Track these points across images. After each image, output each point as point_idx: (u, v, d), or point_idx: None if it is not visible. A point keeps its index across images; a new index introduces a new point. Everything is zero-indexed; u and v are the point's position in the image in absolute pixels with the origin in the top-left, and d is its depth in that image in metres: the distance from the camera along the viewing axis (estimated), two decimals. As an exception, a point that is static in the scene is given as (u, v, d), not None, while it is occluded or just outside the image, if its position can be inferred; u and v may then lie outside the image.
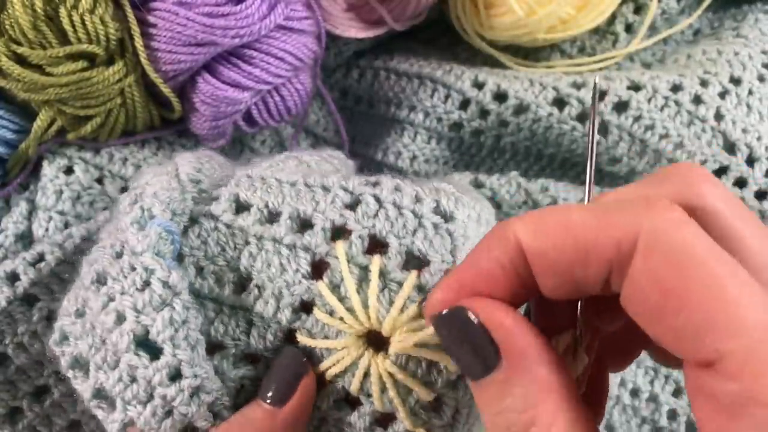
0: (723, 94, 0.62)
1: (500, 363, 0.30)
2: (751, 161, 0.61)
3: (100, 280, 0.40)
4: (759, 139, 0.61)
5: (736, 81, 0.63)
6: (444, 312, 0.32)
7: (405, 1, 0.67)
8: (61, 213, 0.59)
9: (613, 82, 0.62)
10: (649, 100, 0.61)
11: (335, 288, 0.39)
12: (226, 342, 0.41)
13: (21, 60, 0.54)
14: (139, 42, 0.56)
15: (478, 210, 0.44)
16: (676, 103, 0.61)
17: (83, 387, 0.39)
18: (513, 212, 0.63)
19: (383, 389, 0.39)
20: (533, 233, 0.31)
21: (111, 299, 0.39)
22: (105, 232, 0.44)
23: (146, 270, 0.39)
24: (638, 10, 0.72)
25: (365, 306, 0.38)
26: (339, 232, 0.41)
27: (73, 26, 0.53)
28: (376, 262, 0.39)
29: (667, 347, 0.28)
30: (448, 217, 0.41)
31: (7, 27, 0.53)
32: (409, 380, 0.38)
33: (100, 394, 0.39)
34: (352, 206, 0.41)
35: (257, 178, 0.44)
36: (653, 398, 0.61)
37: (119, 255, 0.40)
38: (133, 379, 0.38)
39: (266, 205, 0.42)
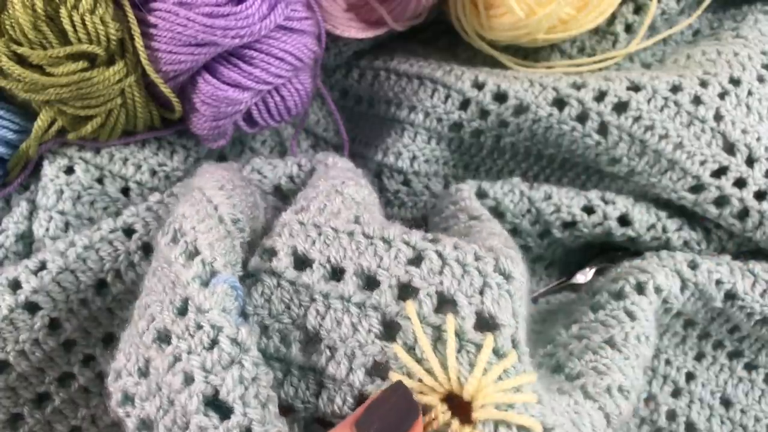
0: (722, 95, 0.62)
1: None
2: (750, 162, 0.61)
3: (163, 339, 0.40)
4: (758, 139, 0.61)
5: (735, 82, 0.63)
6: None
7: (405, 1, 0.67)
8: (62, 213, 0.59)
9: (613, 83, 0.62)
10: (649, 101, 0.61)
11: (410, 350, 0.38)
12: (296, 405, 0.40)
13: (21, 60, 0.54)
14: (139, 42, 0.56)
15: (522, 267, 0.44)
16: (676, 103, 0.61)
17: None
18: (517, 221, 0.63)
19: None
20: None
21: (177, 359, 0.38)
22: (151, 276, 0.43)
23: (214, 328, 0.38)
24: (638, 10, 0.72)
25: (444, 367, 0.38)
26: (405, 290, 0.41)
27: (74, 26, 0.53)
28: (450, 321, 0.38)
29: None
30: (507, 276, 0.41)
31: (7, 27, 0.53)
32: None
33: None
34: (416, 262, 0.41)
35: (311, 227, 0.43)
36: (652, 398, 0.61)
37: (182, 312, 0.40)
38: None
39: (328, 260, 0.42)
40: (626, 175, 0.63)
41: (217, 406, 0.37)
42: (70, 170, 0.60)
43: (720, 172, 0.61)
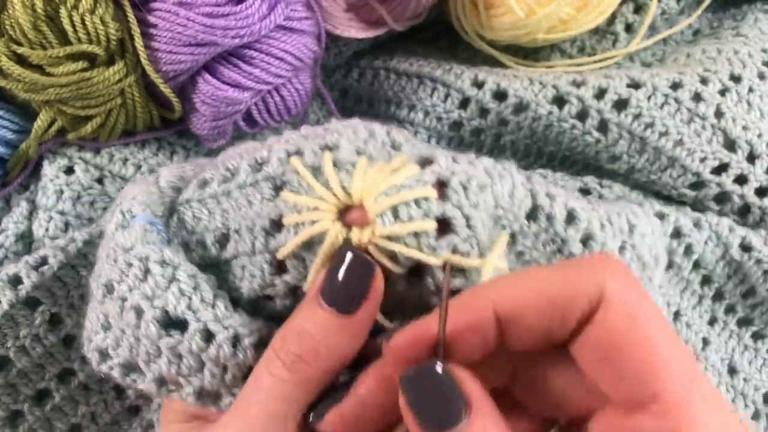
0: (723, 92, 0.62)
1: (468, 414, 0.33)
2: (752, 158, 0.61)
3: (109, 290, 0.42)
4: (759, 136, 0.61)
5: (736, 78, 0.63)
6: (415, 370, 0.34)
7: (405, 1, 0.67)
8: (62, 213, 0.59)
9: (613, 80, 0.62)
10: (649, 98, 0.61)
11: (297, 194, 0.40)
12: (233, 296, 0.42)
13: (21, 60, 0.54)
14: (139, 42, 0.56)
15: None
16: (676, 100, 0.61)
17: (146, 386, 0.42)
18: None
19: (388, 252, 0.39)
20: (508, 301, 0.34)
21: (124, 300, 0.41)
22: (100, 249, 0.46)
23: (141, 260, 0.41)
24: (638, 10, 0.72)
25: (326, 184, 0.39)
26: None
27: (74, 26, 0.53)
28: (327, 155, 0.40)
29: (605, 388, 0.34)
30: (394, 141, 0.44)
31: (7, 27, 0.53)
32: (410, 225, 0.38)
33: (162, 382, 0.42)
34: (305, 137, 0.44)
35: (217, 162, 0.46)
36: None
37: (115, 260, 0.42)
38: (180, 356, 0.40)
39: (227, 168, 0.44)
40: (626, 172, 0.63)
41: (175, 323, 0.40)
42: (70, 170, 0.61)
43: (721, 168, 0.61)
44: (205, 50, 0.56)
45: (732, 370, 0.63)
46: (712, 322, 0.63)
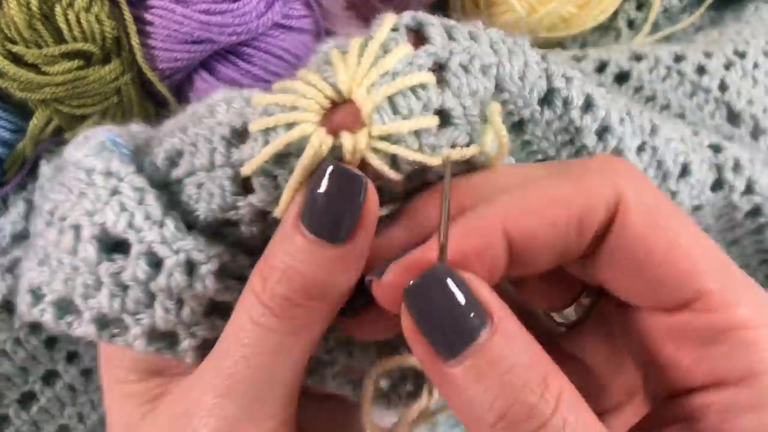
0: (727, 66, 0.60)
1: (490, 324, 0.28)
2: (755, 134, 0.59)
3: (52, 214, 0.36)
4: (765, 111, 0.59)
5: (740, 54, 0.62)
6: (421, 278, 0.29)
7: (405, 0, 0.67)
8: (59, 212, 0.58)
9: (614, 53, 0.61)
10: (651, 71, 0.60)
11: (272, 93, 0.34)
12: (189, 220, 0.36)
13: (16, 59, 0.53)
14: (135, 40, 0.55)
15: None
16: (679, 73, 0.59)
17: (83, 329, 0.35)
18: None
19: (390, 158, 0.33)
20: (519, 218, 0.31)
21: (64, 219, 0.35)
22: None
23: (87, 171, 0.35)
24: (640, 6, 0.72)
25: (307, 82, 0.33)
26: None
27: (69, 25, 0.53)
28: (300, 73, 0.35)
29: (639, 298, 0.32)
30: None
31: (2, 25, 0.52)
32: (410, 123, 0.33)
33: (103, 322, 0.35)
34: None
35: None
36: None
37: (63, 180, 0.37)
38: (124, 288, 0.34)
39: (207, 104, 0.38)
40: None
41: (119, 246, 0.35)
42: (67, 170, 0.60)
43: (723, 143, 0.59)
44: (201, 48, 0.55)
45: None
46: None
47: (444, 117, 0.34)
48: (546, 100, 0.39)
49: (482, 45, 0.35)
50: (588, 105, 0.40)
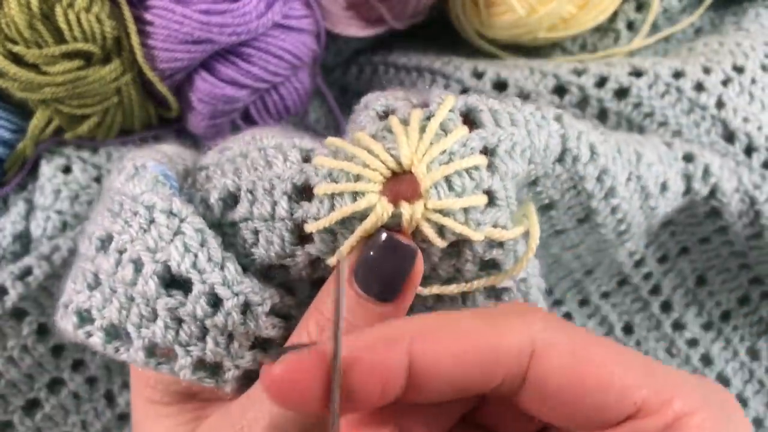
0: (725, 82, 0.61)
1: None
2: (749, 151, 0.60)
3: (105, 242, 0.38)
4: (759, 128, 0.60)
5: (738, 69, 0.62)
6: None
7: (404, 0, 0.67)
8: (60, 212, 0.58)
9: (615, 68, 0.62)
10: (650, 87, 0.60)
11: (335, 157, 0.36)
12: (242, 262, 0.38)
13: (17, 59, 0.54)
14: (135, 40, 0.55)
15: None
16: (678, 89, 0.60)
17: (131, 354, 0.37)
18: None
19: (439, 228, 0.36)
20: (426, 339, 0.31)
21: (122, 252, 0.37)
22: (95, 212, 0.41)
23: (148, 208, 0.37)
24: (640, 7, 0.72)
25: (371, 152, 0.36)
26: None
27: (69, 25, 0.53)
28: (359, 134, 0.37)
29: (581, 426, 0.33)
30: (388, 94, 0.41)
31: (2, 26, 0.53)
32: (462, 200, 0.36)
33: (152, 351, 0.37)
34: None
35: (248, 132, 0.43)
36: None
37: (119, 212, 0.38)
38: (179, 321, 0.36)
39: (254, 136, 0.40)
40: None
41: (178, 283, 0.37)
42: (67, 169, 0.60)
43: (717, 160, 0.60)
44: (201, 48, 0.55)
45: (725, 316, 0.66)
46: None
47: (490, 197, 0.37)
48: (559, 159, 0.42)
49: (520, 129, 0.38)
50: (592, 155, 0.43)
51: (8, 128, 0.58)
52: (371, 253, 0.34)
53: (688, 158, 0.53)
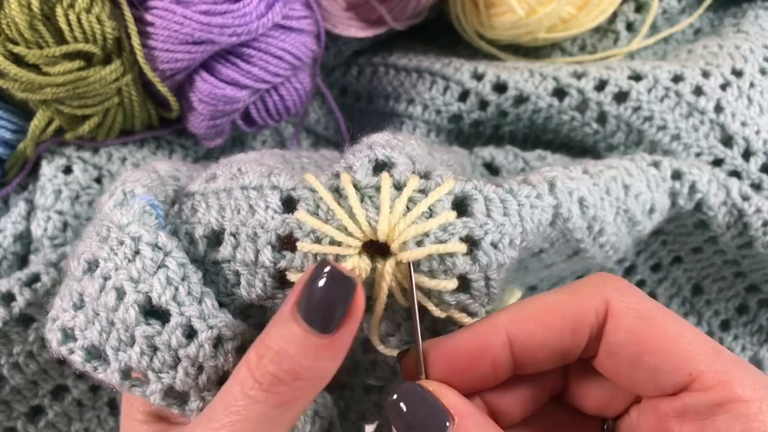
0: (724, 86, 0.62)
1: (452, 423, 0.35)
2: (747, 155, 0.61)
3: (92, 266, 0.40)
4: (757, 132, 0.61)
5: (737, 73, 0.63)
6: (397, 393, 0.36)
7: (405, 0, 0.67)
8: (60, 213, 0.59)
9: (614, 72, 0.62)
10: (650, 91, 0.61)
11: (314, 215, 0.38)
12: (222, 300, 0.40)
13: (18, 59, 0.54)
14: (136, 41, 0.55)
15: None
16: (677, 93, 0.61)
17: (107, 375, 0.39)
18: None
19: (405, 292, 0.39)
20: (519, 322, 0.37)
21: (106, 278, 0.39)
22: (86, 230, 0.43)
23: (134, 240, 0.39)
24: (639, 8, 0.72)
25: (352, 217, 0.37)
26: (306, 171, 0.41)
27: (70, 25, 0.53)
28: (346, 177, 0.38)
29: (641, 389, 0.37)
30: (397, 137, 0.42)
31: (3, 26, 0.53)
32: (429, 281, 0.38)
33: (127, 375, 0.39)
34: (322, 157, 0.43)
35: (226, 164, 0.44)
36: None
37: (106, 238, 0.40)
38: (155, 348, 0.38)
39: (239, 169, 0.42)
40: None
41: (156, 313, 0.38)
42: (68, 170, 0.60)
43: (715, 164, 0.61)
44: (202, 48, 0.55)
45: (725, 325, 0.66)
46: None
47: (464, 284, 0.39)
48: (550, 223, 0.43)
49: (512, 218, 0.40)
50: (582, 211, 0.45)
51: (9, 128, 0.58)
52: (314, 285, 0.35)
53: (676, 176, 0.55)
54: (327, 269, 0.35)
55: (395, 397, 0.36)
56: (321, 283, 0.35)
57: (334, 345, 0.36)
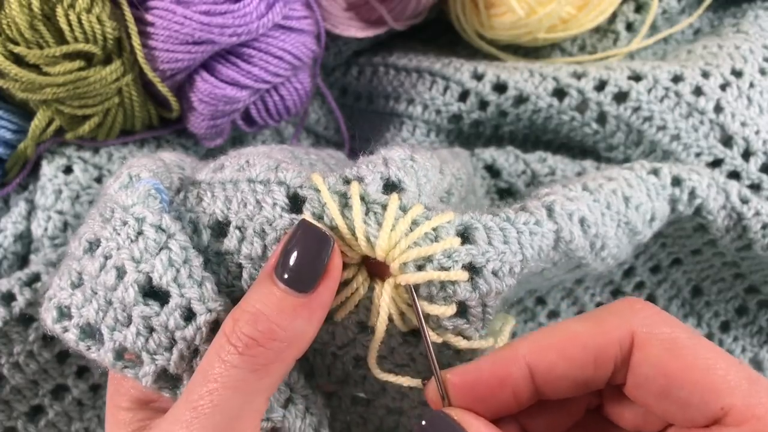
0: (724, 86, 0.62)
1: None
2: (746, 155, 0.61)
3: (93, 246, 0.40)
4: (757, 132, 0.61)
5: (737, 73, 0.63)
6: (425, 421, 0.36)
7: (405, 0, 0.67)
8: (60, 212, 0.59)
9: (614, 72, 0.62)
10: (649, 91, 0.61)
11: (318, 219, 0.38)
12: (221, 290, 0.40)
13: (18, 60, 0.54)
14: (136, 41, 0.55)
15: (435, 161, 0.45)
16: (677, 94, 0.61)
17: (101, 354, 0.39)
18: (512, 180, 0.62)
19: (402, 314, 0.40)
20: (540, 352, 0.36)
21: (107, 257, 0.39)
22: (89, 212, 0.43)
23: (137, 220, 0.39)
24: (639, 9, 0.72)
25: (352, 230, 0.38)
26: (312, 169, 0.42)
27: (70, 25, 0.53)
28: (355, 186, 0.38)
29: (672, 419, 0.35)
30: (411, 158, 0.42)
31: (4, 26, 0.53)
32: (428, 305, 0.38)
33: (121, 355, 0.39)
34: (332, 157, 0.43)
35: (235, 155, 0.44)
36: None
37: (109, 218, 0.40)
38: (151, 329, 0.38)
39: (246, 161, 0.42)
40: (623, 161, 0.63)
41: (156, 293, 0.38)
42: (68, 170, 0.60)
43: (715, 164, 0.61)
44: (202, 48, 0.55)
45: (725, 326, 0.66)
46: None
47: (461, 308, 0.39)
48: (552, 247, 0.43)
49: (512, 245, 0.40)
50: (583, 231, 0.45)
51: (9, 128, 0.58)
52: (290, 246, 0.36)
53: (676, 182, 0.55)
54: (304, 227, 0.36)
55: (424, 424, 0.36)
56: (298, 241, 0.36)
57: (311, 305, 0.36)
